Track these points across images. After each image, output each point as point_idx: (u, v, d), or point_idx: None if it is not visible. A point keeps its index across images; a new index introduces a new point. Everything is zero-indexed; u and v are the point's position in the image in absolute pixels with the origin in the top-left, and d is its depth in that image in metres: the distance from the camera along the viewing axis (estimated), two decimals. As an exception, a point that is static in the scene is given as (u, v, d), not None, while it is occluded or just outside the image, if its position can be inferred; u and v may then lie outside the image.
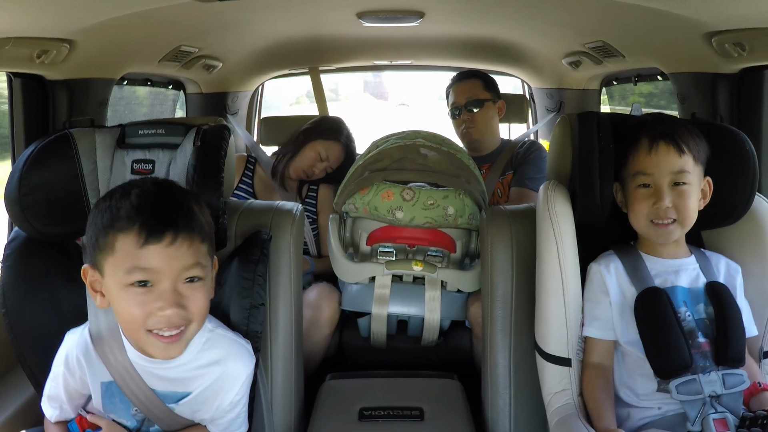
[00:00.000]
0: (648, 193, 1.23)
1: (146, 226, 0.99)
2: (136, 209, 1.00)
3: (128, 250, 0.99)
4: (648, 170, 1.23)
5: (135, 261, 0.99)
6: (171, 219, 1.01)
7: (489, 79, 2.49)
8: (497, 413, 1.43)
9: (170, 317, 1.01)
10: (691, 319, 1.19)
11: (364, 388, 1.57)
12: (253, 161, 2.42)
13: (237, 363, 1.17)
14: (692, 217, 1.22)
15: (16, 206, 1.26)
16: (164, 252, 0.99)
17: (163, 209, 1.02)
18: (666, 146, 1.21)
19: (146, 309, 1.00)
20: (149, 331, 1.02)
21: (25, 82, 1.66)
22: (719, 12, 1.39)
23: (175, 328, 1.03)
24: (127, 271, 0.99)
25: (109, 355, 1.12)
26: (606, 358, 1.25)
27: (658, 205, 1.20)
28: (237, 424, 1.20)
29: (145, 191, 1.04)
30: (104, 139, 1.35)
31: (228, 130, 1.36)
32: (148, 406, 1.13)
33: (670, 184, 1.21)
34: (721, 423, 1.10)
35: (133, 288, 1.00)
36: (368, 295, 1.82)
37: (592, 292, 1.27)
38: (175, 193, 1.09)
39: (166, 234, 0.99)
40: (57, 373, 1.17)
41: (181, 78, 2.68)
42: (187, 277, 1.03)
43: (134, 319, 1.02)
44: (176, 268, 1.00)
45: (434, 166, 1.81)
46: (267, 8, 1.93)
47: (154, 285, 1.00)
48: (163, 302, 1.00)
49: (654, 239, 1.25)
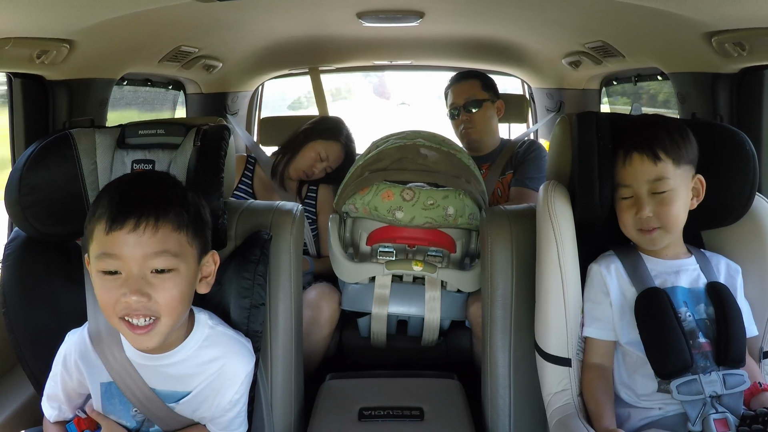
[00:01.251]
0: (630, 204, 1.24)
1: (112, 212, 1.00)
2: (109, 197, 1.02)
3: (99, 237, 1.01)
4: (626, 182, 1.24)
5: (102, 247, 1.00)
6: (135, 206, 1.00)
7: (487, 79, 2.49)
8: (497, 413, 1.43)
9: (131, 304, 1.00)
10: (692, 320, 1.19)
11: (364, 388, 1.57)
12: (252, 161, 2.42)
13: (237, 361, 1.17)
14: (677, 222, 1.22)
15: (17, 206, 1.26)
16: (126, 239, 0.99)
17: (130, 197, 1.03)
18: (639, 156, 1.21)
19: (113, 295, 1.00)
20: (121, 319, 1.02)
21: (25, 82, 1.65)
22: (719, 12, 1.39)
23: (142, 317, 1.01)
24: (97, 257, 1.01)
25: (107, 354, 1.12)
26: (606, 359, 1.25)
27: (639, 215, 1.21)
28: (237, 423, 1.20)
29: (123, 181, 1.08)
30: (104, 139, 1.35)
31: (228, 130, 1.36)
32: (148, 406, 1.13)
33: (649, 192, 1.21)
34: (721, 423, 1.10)
35: (103, 275, 1.01)
36: (368, 295, 1.82)
37: (593, 293, 1.27)
38: (153, 182, 1.09)
39: (128, 220, 0.99)
40: (56, 373, 1.17)
41: (181, 78, 2.68)
42: (155, 268, 1.01)
43: (105, 305, 1.03)
44: (138, 255, 0.99)
45: (434, 167, 1.81)
46: (267, 8, 1.93)
47: (122, 273, 1.00)
48: (126, 288, 0.99)
49: (643, 246, 1.26)
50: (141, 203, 1.01)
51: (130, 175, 1.11)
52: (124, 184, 1.08)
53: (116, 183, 1.09)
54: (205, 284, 1.13)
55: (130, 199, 1.02)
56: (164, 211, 1.02)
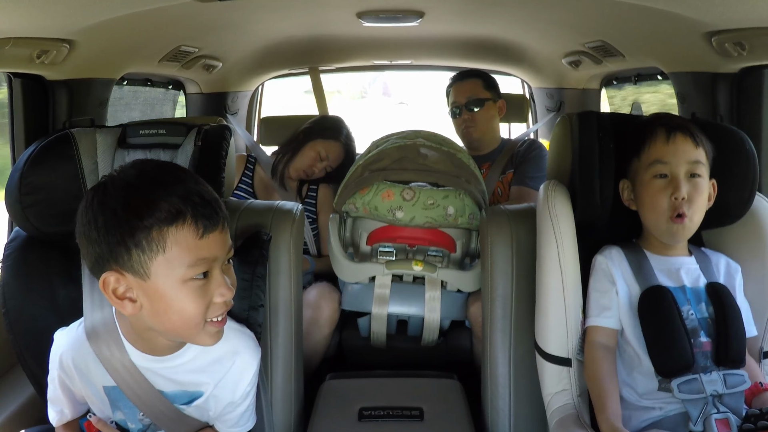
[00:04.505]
0: (664, 184, 1.21)
1: (201, 215, 0.93)
2: (182, 199, 0.92)
3: (186, 243, 0.92)
4: (665, 158, 1.22)
5: (197, 253, 0.93)
6: (210, 204, 0.96)
7: (489, 79, 2.49)
8: (497, 413, 1.43)
9: (229, 301, 1.00)
10: (694, 318, 1.19)
11: (363, 388, 1.57)
12: (252, 161, 2.42)
13: (247, 354, 1.15)
14: (701, 213, 1.22)
15: (17, 206, 1.26)
16: (219, 238, 0.97)
17: (204, 194, 0.96)
18: (683, 136, 1.22)
19: (206, 300, 0.97)
20: (207, 322, 1.00)
21: (25, 82, 1.66)
22: (719, 12, 1.39)
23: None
24: (189, 265, 0.93)
25: (108, 356, 1.07)
26: (611, 342, 1.24)
27: (675, 194, 1.19)
28: (246, 417, 1.18)
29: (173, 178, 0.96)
30: (105, 139, 1.35)
31: (229, 130, 1.36)
32: (154, 410, 1.09)
33: (687, 174, 1.21)
34: (723, 423, 1.10)
35: (192, 282, 0.95)
36: (368, 295, 1.82)
37: (599, 282, 1.26)
38: (188, 174, 1.01)
39: (218, 219, 0.96)
40: (53, 377, 1.13)
41: (181, 78, 2.68)
42: (228, 259, 1.02)
43: (194, 315, 0.96)
44: (224, 253, 0.99)
45: (434, 166, 1.81)
46: (267, 8, 1.93)
47: (208, 274, 0.97)
48: (223, 288, 0.98)
49: (669, 239, 1.24)
50: (208, 200, 0.96)
51: (157, 168, 0.97)
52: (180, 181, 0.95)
53: (161, 180, 0.94)
54: None
55: (201, 197, 0.95)
56: (220, 204, 0.99)
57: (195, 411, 1.13)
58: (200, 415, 1.14)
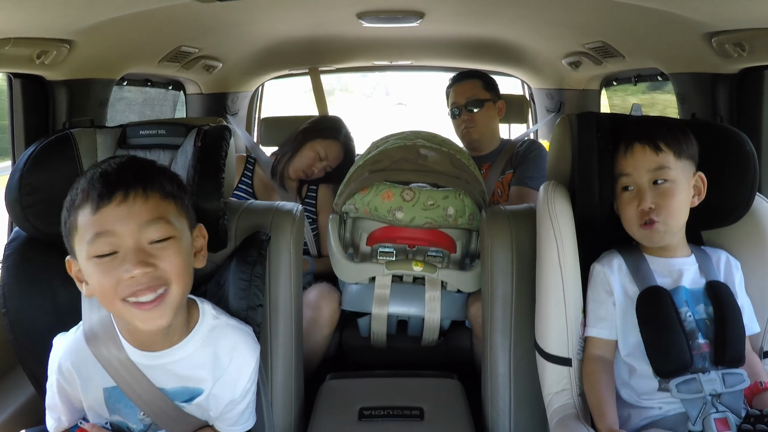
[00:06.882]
0: (631, 196, 1.24)
1: (96, 191, 0.96)
2: (88, 182, 0.98)
3: (86, 221, 0.96)
4: (626, 170, 1.24)
5: (93, 228, 0.95)
6: (119, 179, 0.97)
7: (489, 79, 2.49)
8: (497, 413, 1.43)
9: (138, 278, 0.95)
10: (692, 320, 1.19)
11: (364, 387, 1.58)
12: (252, 161, 2.42)
13: (245, 351, 1.15)
14: (677, 216, 1.22)
15: (17, 206, 1.26)
16: (117, 211, 0.95)
17: (111, 172, 0.98)
18: (641, 146, 1.22)
19: (114, 275, 0.95)
20: (126, 302, 0.97)
21: (25, 83, 1.66)
22: (719, 12, 1.40)
23: (150, 291, 0.96)
24: (89, 242, 0.96)
25: (106, 355, 1.08)
26: (609, 354, 1.25)
27: (641, 206, 1.21)
28: (246, 415, 1.18)
29: (96, 166, 1.02)
30: (105, 139, 1.35)
31: (228, 130, 1.36)
32: (155, 408, 1.09)
33: (650, 182, 1.21)
34: (722, 422, 1.10)
35: (98, 259, 0.96)
36: (368, 295, 1.82)
37: (596, 293, 1.27)
38: (128, 159, 1.04)
39: (116, 193, 0.95)
40: (51, 383, 1.13)
41: (181, 78, 2.68)
42: (153, 239, 0.97)
43: (106, 290, 0.96)
44: (133, 227, 0.95)
45: (434, 167, 1.81)
46: (267, 8, 1.93)
47: (119, 251, 0.96)
48: (128, 263, 0.94)
49: (646, 243, 1.25)
50: (123, 176, 0.97)
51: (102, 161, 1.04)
52: (97, 167, 1.02)
53: (90, 170, 1.02)
54: (201, 258, 1.11)
55: (112, 175, 0.97)
56: (149, 179, 0.99)
57: (196, 410, 1.13)
58: (201, 414, 1.14)
